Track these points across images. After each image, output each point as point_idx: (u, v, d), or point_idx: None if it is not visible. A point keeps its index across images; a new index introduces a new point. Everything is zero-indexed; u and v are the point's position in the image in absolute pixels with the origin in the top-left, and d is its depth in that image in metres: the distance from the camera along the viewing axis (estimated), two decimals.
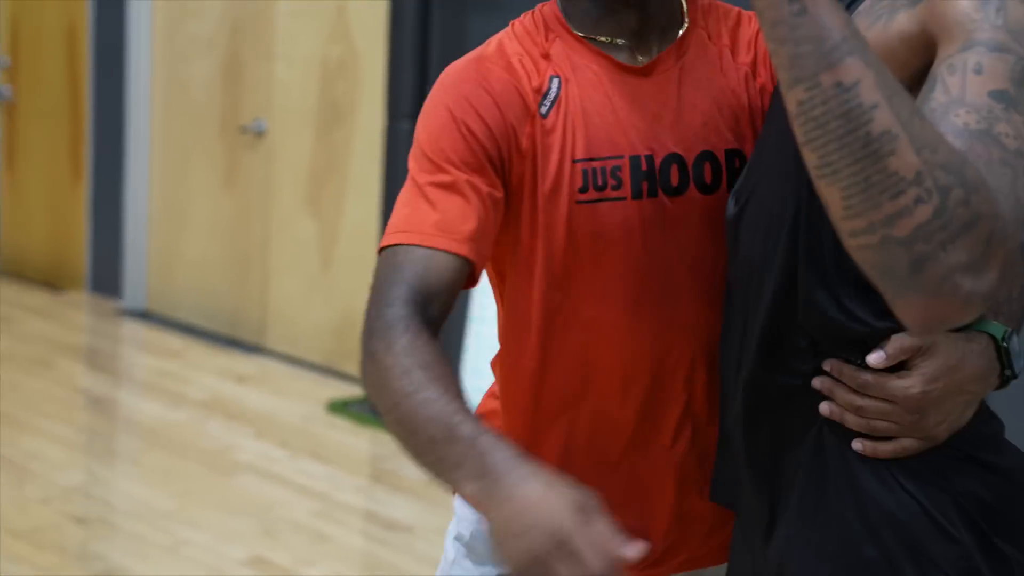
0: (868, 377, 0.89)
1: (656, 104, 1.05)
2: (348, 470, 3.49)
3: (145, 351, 4.58)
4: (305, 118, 4.34)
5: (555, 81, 1.05)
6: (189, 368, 4.34)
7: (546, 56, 1.08)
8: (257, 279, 4.47)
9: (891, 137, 0.67)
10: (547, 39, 1.08)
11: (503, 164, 1.04)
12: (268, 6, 4.40)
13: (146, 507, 3.21)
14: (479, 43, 1.42)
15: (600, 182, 1.03)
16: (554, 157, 1.04)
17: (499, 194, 1.02)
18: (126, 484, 3.35)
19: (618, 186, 1.03)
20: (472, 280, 1.01)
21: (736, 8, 1.12)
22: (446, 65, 1.47)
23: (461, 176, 1.00)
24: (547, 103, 1.04)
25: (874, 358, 0.88)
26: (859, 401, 0.90)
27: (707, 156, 1.04)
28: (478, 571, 1.19)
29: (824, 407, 0.92)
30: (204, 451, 3.62)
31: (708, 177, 1.04)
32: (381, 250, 1.00)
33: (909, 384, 0.88)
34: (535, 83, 1.04)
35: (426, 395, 0.89)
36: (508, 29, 1.12)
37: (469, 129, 1.02)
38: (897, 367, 0.88)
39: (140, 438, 3.77)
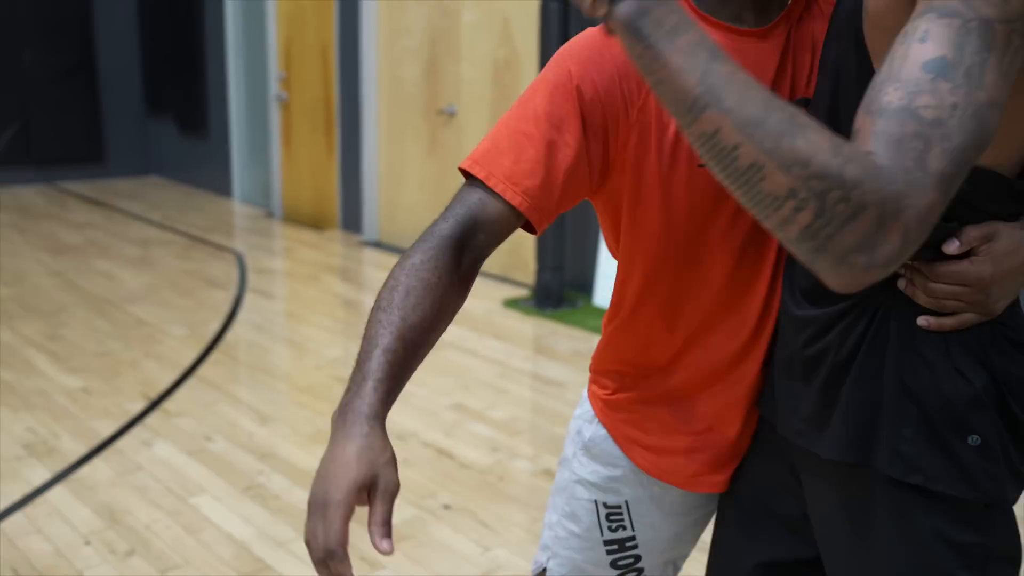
0: (944, 267, 0.91)
1: (773, 64, 1.03)
2: (519, 345, 4.17)
3: (380, 268, 5.46)
4: (483, 103, 5.10)
5: None
6: None
7: None
8: None
9: (757, 167, 0.71)
10: None
11: (605, 132, 1.02)
12: (455, 22, 5.15)
13: None
14: None
15: None
16: (673, 127, 1.02)
17: (580, 159, 1.01)
18: None
19: None
20: (527, 226, 1.02)
21: None
22: None
23: (549, 134, 1.00)
24: None
25: (952, 247, 0.90)
26: (932, 285, 0.92)
27: (806, 103, 1.02)
28: (591, 467, 1.23)
29: (901, 282, 0.94)
30: None
31: None
32: (466, 173, 1.02)
33: (981, 268, 0.89)
34: None
35: (379, 316, 0.93)
36: None
37: (581, 93, 1.00)
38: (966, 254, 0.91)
39: None
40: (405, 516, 2.71)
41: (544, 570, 1.31)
